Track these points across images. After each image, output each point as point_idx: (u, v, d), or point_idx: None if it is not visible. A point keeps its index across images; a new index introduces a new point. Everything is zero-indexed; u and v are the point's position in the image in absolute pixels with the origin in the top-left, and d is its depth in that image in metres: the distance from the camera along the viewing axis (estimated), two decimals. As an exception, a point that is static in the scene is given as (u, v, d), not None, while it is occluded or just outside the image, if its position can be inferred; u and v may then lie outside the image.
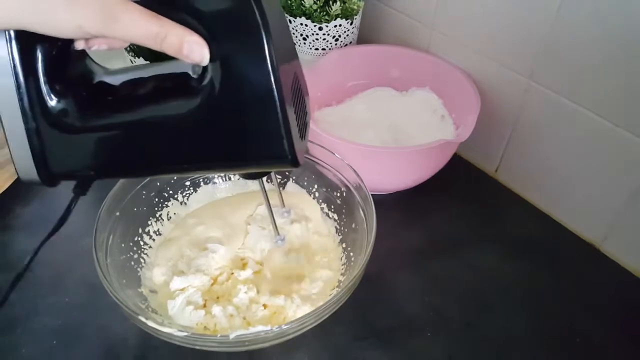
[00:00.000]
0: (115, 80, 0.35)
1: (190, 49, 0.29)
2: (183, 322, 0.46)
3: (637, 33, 0.46)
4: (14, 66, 0.30)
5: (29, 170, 0.34)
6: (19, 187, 0.63)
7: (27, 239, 0.58)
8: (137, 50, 0.71)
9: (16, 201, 0.62)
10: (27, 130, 0.32)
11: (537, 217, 0.62)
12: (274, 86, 0.29)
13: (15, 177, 0.62)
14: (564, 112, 0.55)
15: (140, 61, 0.72)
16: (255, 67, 0.29)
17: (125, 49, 0.67)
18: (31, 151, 0.33)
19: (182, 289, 0.49)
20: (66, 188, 0.67)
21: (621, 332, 0.50)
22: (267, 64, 0.29)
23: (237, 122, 0.31)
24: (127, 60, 0.72)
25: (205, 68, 0.31)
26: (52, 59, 0.31)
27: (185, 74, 0.32)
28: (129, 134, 0.33)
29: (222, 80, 0.30)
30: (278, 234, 0.51)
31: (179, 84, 0.33)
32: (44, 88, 0.32)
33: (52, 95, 0.32)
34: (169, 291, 0.49)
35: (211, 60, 0.30)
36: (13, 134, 0.32)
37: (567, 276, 0.55)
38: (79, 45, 0.31)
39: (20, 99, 0.31)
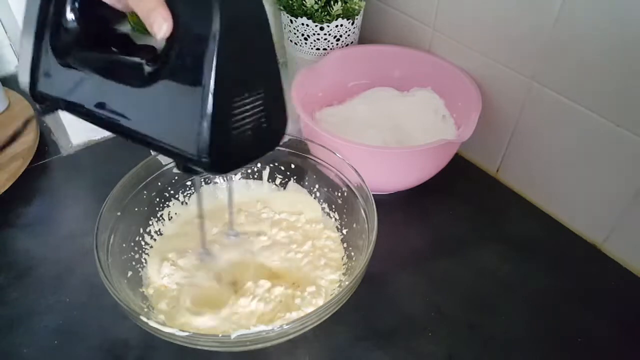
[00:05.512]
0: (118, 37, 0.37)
1: (154, 20, 0.29)
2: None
3: (639, 33, 0.46)
4: None
5: (24, 81, 0.37)
6: (19, 187, 0.62)
7: (28, 239, 0.58)
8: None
9: (17, 201, 0.62)
10: (34, 47, 0.35)
11: (539, 217, 0.62)
12: (212, 72, 0.29)
13: (16, 177, 0.63)
14: (566, 112, 0.55)
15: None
16: (198, 44, 0.29)
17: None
18: (31, 66, 0.36)
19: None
20: (65, 189, 0.67)
21: (623, 332, 0.50)
22: (210, 44, 0.29)
23: (169, 102, 0.31)
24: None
25: (167, 45, 0.31)
26: None
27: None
28: (97, 84, 0.35)
29: (169, 59, 0.31)
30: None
31: (150, 55, 0.34)
32: (68, 15, 0.35)
33: (69, 24, 0.35)
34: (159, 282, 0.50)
35: (172, 37, 0.30)
36: (25, 46, 0.36)
37: (568, 276, 0.55)
38: None
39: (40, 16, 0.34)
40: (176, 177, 0.56)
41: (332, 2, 0.68)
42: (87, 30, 0.35)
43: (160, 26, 0.30)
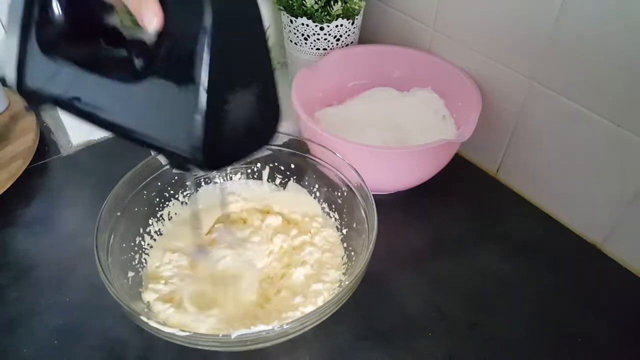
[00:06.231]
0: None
1: (145, 14, 0.30)
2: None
3: (638, 33, 0.46)
4: None
5: (11, 77, 0.35)
6: (19, 187, 0.62)
7: (28, 239, 0.58)
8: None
9: (16, 201, 0.62)
10: (20, 41, 0.34)
11: (539, 217, 0.62)
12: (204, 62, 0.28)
13: (16, 177, 0.63)
14: (566, 112, 0.55)
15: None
16: (191, 36, 0.28)
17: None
18: (17, 61, 0.34)
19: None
20: (65, 189, 0.67)
21: (623, 332, 0.50)
22: (204, 30, 0.28)
23: (160, 99, 0.31)
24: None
25: (157, 40, 0.31)
26: None
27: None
28: (85, 79, 0.34)
29: (159, 54, 0.30)
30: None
31: (140, 49, 0.33)
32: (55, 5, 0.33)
33: (55, 16, 0.34)
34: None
35: (163, 32, 0.30)
36: (10, 39, 0.34)
37: (568, 276, 0.55)
38: None
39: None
40: (176, 177, 0.56)
41: (332, 2, 0.67)
42: (74, 23, 0.34)
43: (151, 20, 0.30)
